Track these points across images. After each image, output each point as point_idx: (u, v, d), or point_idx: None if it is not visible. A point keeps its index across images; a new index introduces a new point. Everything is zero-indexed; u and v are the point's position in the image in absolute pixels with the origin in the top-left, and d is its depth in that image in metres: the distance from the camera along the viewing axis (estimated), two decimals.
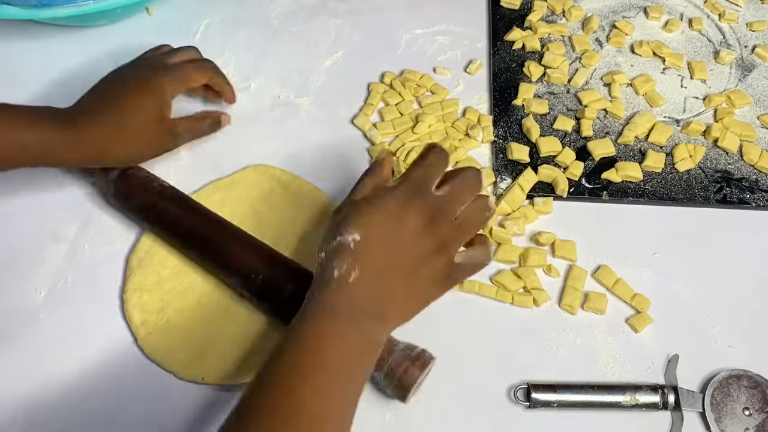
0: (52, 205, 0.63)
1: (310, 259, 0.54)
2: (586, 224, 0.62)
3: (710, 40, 0.77)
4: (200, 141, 0.66)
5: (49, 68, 0.71)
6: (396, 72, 0.72)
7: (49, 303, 0.57)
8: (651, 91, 0.71)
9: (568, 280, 0.59)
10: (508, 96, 0.71)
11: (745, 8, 0.80)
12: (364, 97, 0.71)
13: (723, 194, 0.64)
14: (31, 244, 0.60)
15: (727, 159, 0.67)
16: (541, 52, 0.74)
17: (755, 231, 0.63)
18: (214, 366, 0.53)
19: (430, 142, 0.61)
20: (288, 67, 0.74)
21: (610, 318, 0.57)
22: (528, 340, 0.56)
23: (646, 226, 0.63)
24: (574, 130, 0.68)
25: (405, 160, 0.65)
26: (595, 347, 0.56)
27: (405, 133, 0.67)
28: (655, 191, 0.64)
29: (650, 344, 0.56)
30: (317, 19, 0.78)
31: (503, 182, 0.64)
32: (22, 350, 0.55)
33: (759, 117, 0.70)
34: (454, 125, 0.68)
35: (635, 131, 0.67)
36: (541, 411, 0.53)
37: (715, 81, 0.73)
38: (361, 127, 0.68)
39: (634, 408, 0.52)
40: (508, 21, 0.77)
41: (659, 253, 0.61)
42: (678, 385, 0.52)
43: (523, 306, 0.58)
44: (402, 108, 0.69)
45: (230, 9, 0.79)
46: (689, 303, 0.58)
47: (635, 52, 0.75)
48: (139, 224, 0.60)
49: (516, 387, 0.53)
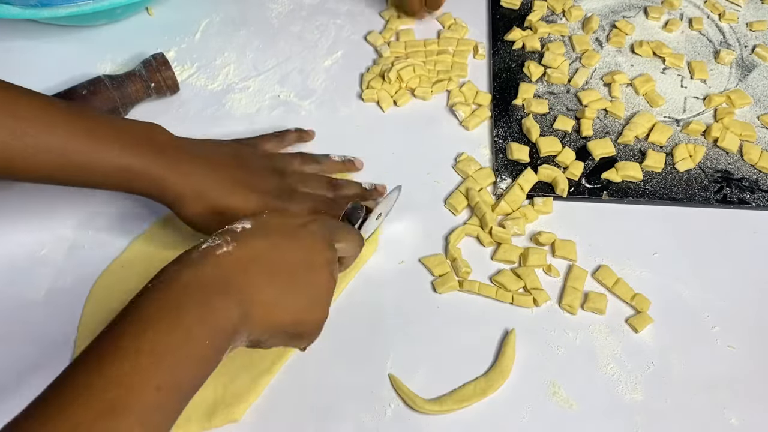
0: (52, 205, 0.63)
1: None
2: (586, 224, 0.62)
3: (710, 40, 0.77)
4: None
5: (49, 68, 0.71)
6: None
7: (49, 303, 0.57)
8: (651, 91, 0.71)
9: (568, 280, 0.59)
10: (508, 96, 0.71)
11: (745, 8, 0.80)
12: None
13: (723, 194, 0.64)
14: (32, 243, 0.60)
15: (727, 159, 0.67)
16: (541, 52, 0.74)
17: (755, 231, 0.63)
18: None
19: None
20: (288, 67, 0.74)
21: (610, 318, 0.57)
22: (528, 340, 0.56)
23: (646, 226, 0.63)
24: (574, 130, 0.68)
25: (397, 77, 0.69)
26: (595, 347, 0.56)
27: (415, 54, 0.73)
28: (655, 191, 0.64)
29: (650, 344, 0.56)
30: (317, 19, 0.78)
31: (503, 182, 0.64)
32: (21, 350, 0.55)
33: (759, 117, 0.70)
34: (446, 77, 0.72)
35: (635, 131, 0.67)
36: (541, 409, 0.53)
37: (715, 81, 0.73)
38: (374, 42, 0.75)
39: None
40: (508, 21, 0.77)
41: (659, 253, 0.61)
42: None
43: (523, 306, 0.58)
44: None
45: (230, 9, 0.79)
46: (689, 303, 0.58)
47: (635, 52, 0.75)
48: None
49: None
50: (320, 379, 0.54)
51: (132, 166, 0.51)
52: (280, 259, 0.44)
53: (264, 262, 0.43)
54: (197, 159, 0.54)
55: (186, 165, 0.53)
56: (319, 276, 0.46)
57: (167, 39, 0.75)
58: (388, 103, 0.70)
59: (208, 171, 0.54)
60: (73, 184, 0.52)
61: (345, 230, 0.50)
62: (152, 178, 0.52)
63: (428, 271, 0.60)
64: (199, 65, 0.73)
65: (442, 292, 0.58)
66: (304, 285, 0.45)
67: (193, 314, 0.39)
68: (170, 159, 0.53)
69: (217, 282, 0.41)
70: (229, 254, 0.42)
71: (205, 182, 0.54)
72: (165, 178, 0.52)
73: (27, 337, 0.55)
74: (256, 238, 0.44)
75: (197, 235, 0.55)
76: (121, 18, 0.76)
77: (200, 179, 0.53)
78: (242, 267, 0.42)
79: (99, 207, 0.63)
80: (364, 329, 0.56)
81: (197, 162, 0.54)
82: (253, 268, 0.42)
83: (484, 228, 0.61)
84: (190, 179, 0.53)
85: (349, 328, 0.56)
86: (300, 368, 0.55)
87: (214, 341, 0.39)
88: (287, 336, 0.45)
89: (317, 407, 0.53)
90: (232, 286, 0.41)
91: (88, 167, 0.50)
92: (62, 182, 0.51)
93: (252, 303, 0.42)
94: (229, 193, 0.54)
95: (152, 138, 0.53)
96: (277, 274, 0.43)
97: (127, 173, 0.51)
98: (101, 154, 0.50)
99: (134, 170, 0.51)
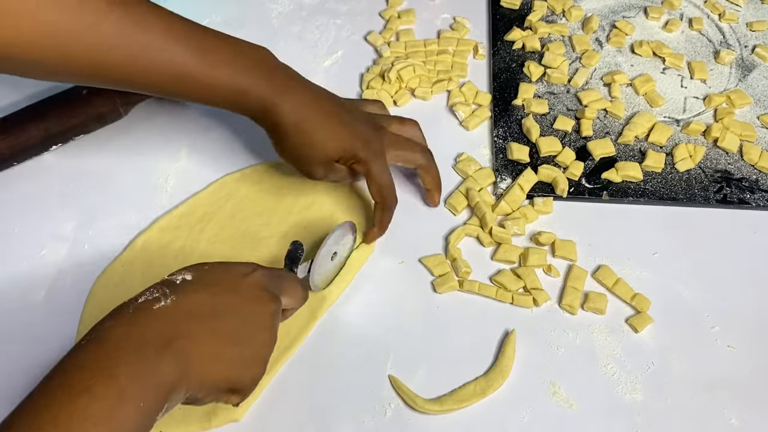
0: (52, 205, 0.63)
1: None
2: (586, 224, 0.62)
3: (710, 40, 0.77)
4: (199, 142, 0.66)
5: None
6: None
7: (49, 303, 0.57)
8: (651, 91, 0.71)
9: (568, 280, 0.59)
10: (508, 96, 0.71)
11: (745, 8, 0.80)
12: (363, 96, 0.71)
13: (723, 194, 0.64)
14: (31, 244, 0.60)
15: (727, 159, 0.67)
16: (541, 52, 0.74)
17: (755, 231, 0.63)
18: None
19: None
20: None
21: (610, 318, 0.57)
22: (528, 340, 0.56)
23: (646, 226, 0.63)
24: (574, 130, 0.68)
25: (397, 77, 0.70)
26: (595, 347, 0.56)
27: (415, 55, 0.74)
28: (655, 191, 0.64)
29: (650, 344, 0.56)
30: (317, 19, 0.78)
31: (503, 182, 0.64)
32: (22, 350, 0.55)
33: (759, 117, 0.70)
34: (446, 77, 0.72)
35: (635, 131, 0.67)
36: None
37: (715, 81, 0.73)
38: (374, 42, 0.75)
39: None
40: (508, 21, 0.77)
41: (659, 253, 0.61)
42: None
43: (523, 306, 0.58)
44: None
45: (230, 9, 0.79)
46: (689, 303, 0.58)
47: (635, 52, 0.75)
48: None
49: None
50: (320, 379, 0.54)
51: (243, 88, 0.52)
52: (220, 312, 0.42)
53: (204, 316, 0.41)
54: (304, 89, 0.56)
55: (292, 94, 0.54)
56: (260, 331, 0.44)
57: None
58: (388, 103, 0.70)
59: (312, 101, 0.55)
60: (187, 98, 0.54)
61: (288, 282, 0.49)
62: (260, 102, 0.53)
63: (428, 271, 0.60)
64: None
65: (442, 292, 0.58)
66: (245, 340, 0.43)
67: (127, 374, 0.37)
68: (279, 85, 0.54)
69: (154, 338, 0.39)
70: (166, 308, 0.40)
71: (307, 112, 0.55)
72: (274, 104, 0.53)
73: (27, 338, 0.56)
74: (197, 290, 0.42)
75: (191, 234, 0.55)
76: None
77: (304, 108, 0.54)
78: (180, 321, 0.40)
79: (99, 207, 0.63)
80: (364, 329, 0.56)
81: (304, 91, 0.55)
82: (192, 322, 0.41)
83: (484, 228, 0.61)
84: (295, 108, 0.54)
85: (349, 329, 0.56)
86: (300, 368, 0.55)
87: (148, 402, 0.37)
88: (223, 392, 0.43)
89: (317, 407, 0.53)
90: (169, 342, 0.39)
91: (203, 84, 0.52)
92: (177, 95, 0.53)
93: (190, 359, 0.40)
94: (325, 125, 0.55)
95: (263, 60, 0.54)
96: (217, 329, 0.42)
97: (238, 95, 0.53)
98: (216, 73, 0.51)
99: (245, 92, 0.53)
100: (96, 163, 0.65)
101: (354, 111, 0.58)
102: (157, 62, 0.49)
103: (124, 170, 0.65)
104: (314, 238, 0.60)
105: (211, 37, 0.52)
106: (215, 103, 0.54)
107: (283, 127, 0.54)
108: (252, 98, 0.53)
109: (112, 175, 0.65)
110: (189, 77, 0.51)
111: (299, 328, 0.56)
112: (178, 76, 0.50)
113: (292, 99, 0.54)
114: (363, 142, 0.56)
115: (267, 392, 0.53)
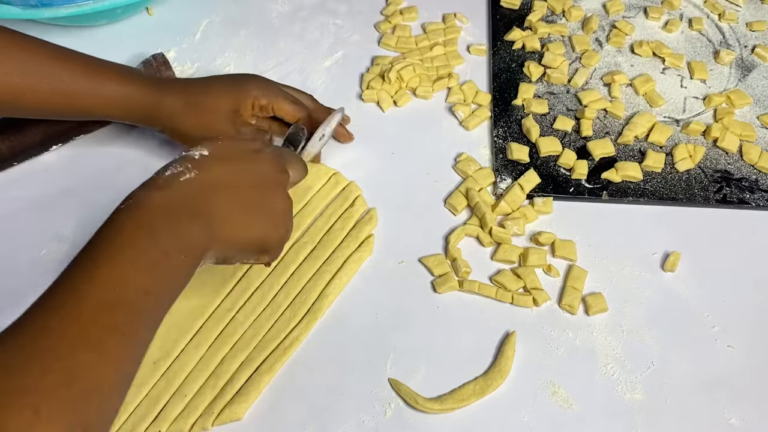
0: (52, 205, 0.63)
1: (329, 239, 0.60)
2: (586, 224, 0.62)
3: (710, 40, 0.77)
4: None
5: None
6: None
7: None
8: (651, 91, 0.71)
9: (567, 280, 0.59)
10: (508, 96, 0.71)
11: (745, 8, 0.80)
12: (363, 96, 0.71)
13: (723, 194, 0.64)
14: (31, 244, 0.60)
15: (727, 159, 0.67)
16: (541, 52, 0.74)
17: (755, 231, 0.63)
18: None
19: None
20: (288, 68, 0.74)
21: (610, 318, 0.57)
22: (528, 340, 0.56)
23: (646, 226, 0.63)
24: (574, 130, 0.68)
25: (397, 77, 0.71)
26: (595, 347, 0.56)
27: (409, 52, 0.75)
28: (655, 191, 0.64)
29: (650, 344, 0.56)
30: (317, 19, 0.78)
31: (503, 182, 0.64)
32: None
33: (759, 117, 0.70)
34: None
35: (635, 131, 0.67)
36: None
37: (715, 81, 0.73)
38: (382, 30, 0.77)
39: None
40: (508, 21, 0.77)
41: (659, 253, 0.61)
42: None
43: (523, 306, 0.58)
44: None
45: (230, 9, 0.79)
46: (689, 303, 0.58)
47: (635, 52, 0.75)
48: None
49: None
50: (320, 379, 0.54)
51: (128, 94, 0.58)
52: (239, 182, 0.46)
53: (225, 187, 0.45)
54: (191, 81, 0.62)
55: (179, 85, 0.61)
56: (276, 197, 0.48)
57: (167, 39, 0.75)
58: (388, 103, 0.70)
59: (193, 84, 0.61)
60: (77, 116, 0.60)
61: (292, 156, 0.53)
62: (146, 100, 0.58)
63: (428, 271, 0.60)
64: (199, 65, 0.73)
65: (442, 292, 0.58)
66: (265, 206, 0.47)
67: (165, 237, 0.41)
68: (160, 84, 0.60)
69: (184, 206, 0.43)
70: (192, 180, 0.44)
71: (198, 91, 0.60)
72: (159, 97, 0.58)
73: None
74: (216, 163, 0.45)
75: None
76: (121, 18, 0.76)
77: (193, 91, 0.60)
78: (206, 192, 0.44)
79: (99, 207, 0.62)
80: (364, 329, 0.57)
81: (191, 82, 0.61)
82: (215, 192, 0.44)
83: (484, 228, 0.61)
84: (183, 94, 0.59)
85: (349, 328, 0.57)
86: (300, 368, 0.55)
87: (187, 258, 0.42)
88: (251, 253, 0.47)
89: (317, 407, 0.53)
90: (198, 210, 0.43)
91: (91, 98, 0.57)
92: (67, 115, 0.59)
93: (217, 225, 0.44)
94: (211, 89, 0.60)
95: (141, 73, 0.60)
96: (238, 197, 0.45)
97: (125, 100, 0.58)
98: (102, 86, 0.57)
99: (130, 97, 0.58)
100: (96, 163, 0.65)
101: (233, 75, 0.65)
102: (46, 84, 0.55)
103: (124, 170, 0.65)
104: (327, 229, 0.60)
105: (91, 59, 0.58)
106: (105, 114, 0.59)
107: (175, 110, 0.59)
108: (139, 100, 0.58)
109: (112, 175, 0.65)
110: (77, 95, 0.57)
111: (299, 328, 0.56)
112: (67, 94, 0.56)
113: (173, 88, 0.60)
114: (253, 85, 0.61)
115: (267, 392, 0.53)
